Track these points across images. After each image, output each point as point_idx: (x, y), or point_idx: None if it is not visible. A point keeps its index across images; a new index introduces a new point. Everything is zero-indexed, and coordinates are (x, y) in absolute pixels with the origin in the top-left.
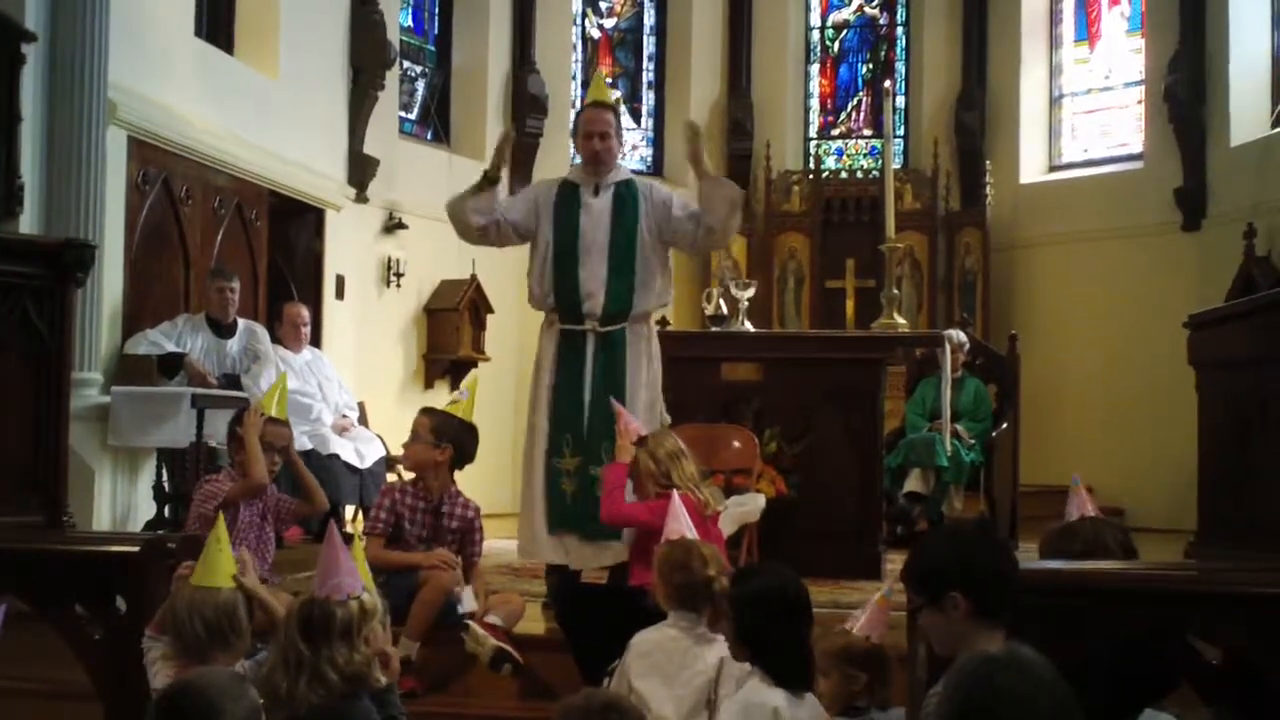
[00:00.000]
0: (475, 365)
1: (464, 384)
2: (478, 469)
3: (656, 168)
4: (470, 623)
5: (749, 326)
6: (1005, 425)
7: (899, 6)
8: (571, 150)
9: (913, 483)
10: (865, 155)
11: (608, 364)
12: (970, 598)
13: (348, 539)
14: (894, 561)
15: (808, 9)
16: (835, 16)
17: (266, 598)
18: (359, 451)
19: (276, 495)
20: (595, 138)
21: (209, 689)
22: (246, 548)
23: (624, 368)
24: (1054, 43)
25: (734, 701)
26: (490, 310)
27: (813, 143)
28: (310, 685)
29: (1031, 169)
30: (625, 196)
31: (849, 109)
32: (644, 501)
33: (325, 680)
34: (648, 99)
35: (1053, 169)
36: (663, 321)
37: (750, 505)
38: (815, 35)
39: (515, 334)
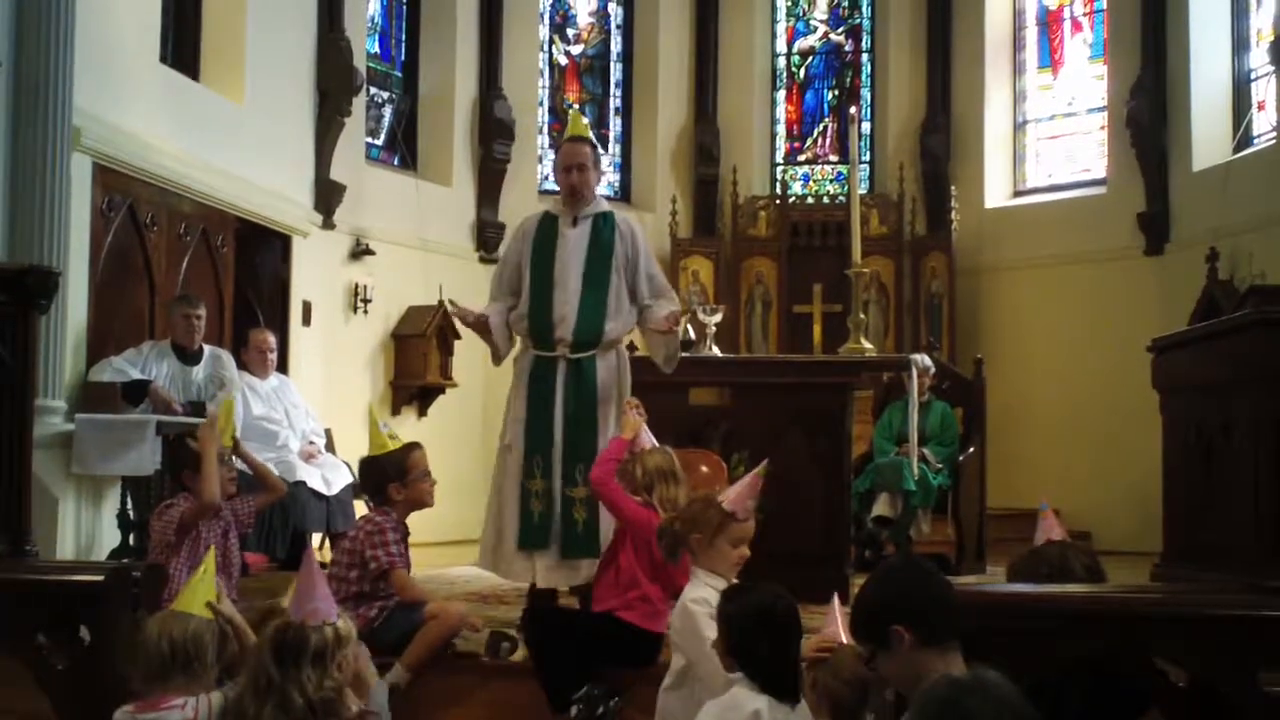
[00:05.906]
0: (443, 391)
1: (386, 428)
2: (446, 494)
3: (624, 193)
4: None
5: (716, 351)
6: (972, 449)
7: (864, 33)
8: (539, 176)
9: (881, 507)
10: (831, 180)
11: (578, 390)
12: (913, 628)
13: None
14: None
15: (774, 35)
16: (801, 43)
17: (244, 626)
18: (326, 479)
19: (232, 506)
20: (572, 170)
21: None
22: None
23: (595, 394)
24: (1017, 69)
25: (715, 703)
26: (458, 336)
27: (779, 168)
28: (274, 712)
29: (996, 194)
30: (602, 228)
31: (815, 135)
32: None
33: (290, 708)
34: (615, 125)
35: (1017, 194)
36: (630, 346)
37: None
38: (781, 62)
39: (483, 360)
